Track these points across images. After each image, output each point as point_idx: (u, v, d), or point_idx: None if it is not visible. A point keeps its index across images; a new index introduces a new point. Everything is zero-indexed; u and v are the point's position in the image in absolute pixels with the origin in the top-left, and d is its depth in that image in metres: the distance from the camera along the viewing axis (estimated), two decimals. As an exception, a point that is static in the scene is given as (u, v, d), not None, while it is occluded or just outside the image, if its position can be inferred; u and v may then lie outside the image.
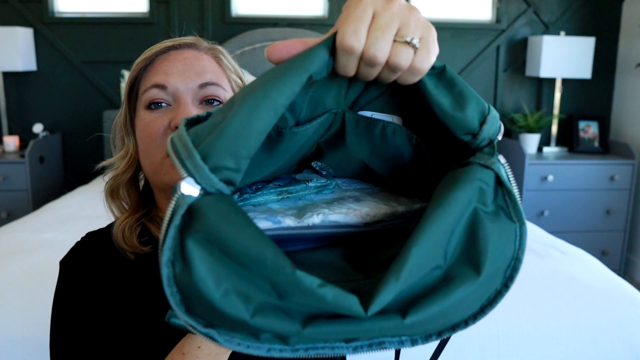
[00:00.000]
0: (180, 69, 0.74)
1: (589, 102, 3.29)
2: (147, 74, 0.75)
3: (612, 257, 3.00)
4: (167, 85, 0.73)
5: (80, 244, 0.80)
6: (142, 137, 0.74)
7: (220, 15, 3.03)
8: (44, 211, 2.12)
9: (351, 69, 0.38)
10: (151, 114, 0.74)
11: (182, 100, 0.73)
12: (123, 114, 0.78)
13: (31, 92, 3.04)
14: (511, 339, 1.35)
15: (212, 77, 0.75)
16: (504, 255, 0.39)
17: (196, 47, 0.78)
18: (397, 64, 0.38)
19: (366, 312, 0.34)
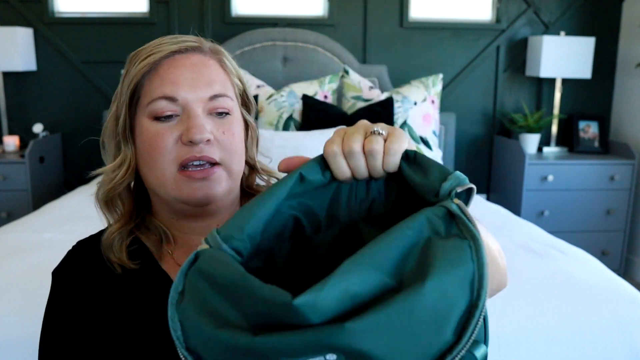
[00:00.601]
0: (188, 78, 0.71)
1: (589, 102, 3.29)
2: (152, 82, 0.72)
3: (612, 257, 3.00)
4: (177, 98, 0.71)
5: (72, 253, 0.79)
6: (149, 149, 0.72)
7: (220, 15, 3.03)
8: (44, 211, 2.12)
9: (343, 167, 0.51)
10: (159, 126, 0.71)
11: (192, 112, 0.71)
12: (122, 120, 0.74)
13: (31, 92, 3.04)
14: (511, 339, 1.35)
15: (221, 89, 0.74)
16: (457, 268, 0.42)
17: (201, 50, 0.75)
18: (371, 149, 0.50)
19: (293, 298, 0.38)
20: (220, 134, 0.73)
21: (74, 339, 0.71)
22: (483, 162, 3.34)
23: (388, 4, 3.09)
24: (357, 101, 2.70)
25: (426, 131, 2.68)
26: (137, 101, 0.73)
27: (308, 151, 2.33)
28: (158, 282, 0.75)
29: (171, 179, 0.71)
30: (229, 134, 0.74)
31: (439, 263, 0.41)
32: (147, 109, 0.72)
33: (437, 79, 2.79)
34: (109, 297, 0.73)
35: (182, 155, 0.71)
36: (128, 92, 0.73)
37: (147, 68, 0.72)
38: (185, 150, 0.71)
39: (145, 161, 0.73)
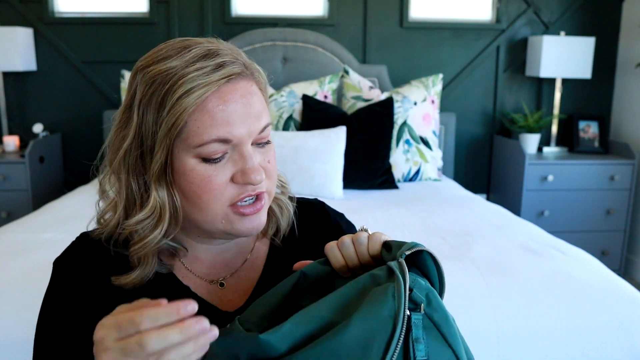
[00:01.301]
0: (240, 114, 0.67)
1: (589, 102, 3.29)
2: (201, 121, 0.65)
3: (612, 257, 3.00)
4: (231, 140, 0.67)
5: (76, 244, 0.79)
6: (197, 190, 0.68)
7: (220, 15, 3.03)
8: (44, 211, 2.12)
9: (338, 256, 0.68)
10: (209, 167, 0.67)
11: (245, 152, 0.68)
12: (160, 159, 0.67)
13: (31, 92, 3.04)
14: (511, 339, 1.35)
15: (267, 118, 0.71)
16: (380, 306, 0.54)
17: (243, 73, 0.69)
18: (358, 237, 0.68)
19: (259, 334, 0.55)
20: (266, 163, 0.72)
21: (71, 331, 0.71)
22: (483, 162, 3.34)
23: (388, 4, 3.09)
24: (357, 101, 2.70)
25: (426, 131, 2.68)
26: (176, 136, 0.66)
27: (308, 151, 2.33)
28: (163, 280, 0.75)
29: (221, 215, 0.70)
30: (273, 161, 0.74)
31: (366, 302, 0.53)
32: (196, 150, 0.66)
33: (437, 79, 2.79)
34: (110, 292, 0.73)
35: (237, 195, 0.69)
36: (170, 130, 0.65)
37: (194, 107, 0.65)
38: (240, 189, 0.69)
39: (191, 200, 0.69)
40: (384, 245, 0.66)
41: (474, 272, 1.50)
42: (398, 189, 2.53)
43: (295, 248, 0.83)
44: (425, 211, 2.12)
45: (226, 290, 0.78)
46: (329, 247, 0.69)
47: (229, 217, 0.70)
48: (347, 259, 0.67)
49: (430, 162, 2.69)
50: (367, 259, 0.67)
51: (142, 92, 0.67)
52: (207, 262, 0.79)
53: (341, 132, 2.43)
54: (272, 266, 0.81)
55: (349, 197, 2.35)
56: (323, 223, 0.87)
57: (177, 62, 0.65)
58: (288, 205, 0.83)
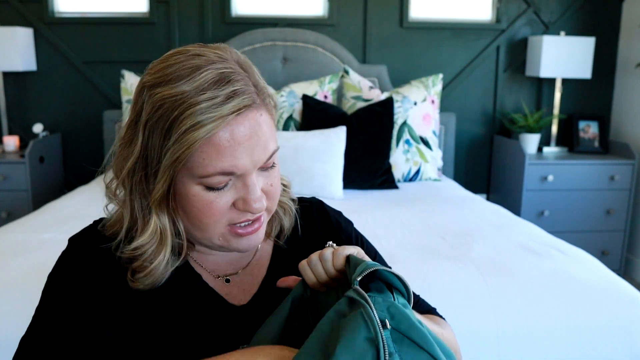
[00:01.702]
0: (247, 146, 0.66)
1: (589, 102, 3.29)
2: (207, 153, 0.64)
3: (612, 257, 3.00)
4: (236, 172, 0.67)
5: (93, 228, 0.78)
6: (198, 214, 0.68)
7: (220, 15, 3.03)
8: (44, 211, 2.12)
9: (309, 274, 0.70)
10: (212, 194, 0.67)
11: (249, 182, 0.68)
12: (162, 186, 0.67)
13: (31, 92, 3.04)
14: (511, 339, 1.35)
15: (274, 144, 0.70)
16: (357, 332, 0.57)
17: (253, 103, 0.67)
18: (323, 254, 0.70)
19: None
20: (268, 187, 0.72)
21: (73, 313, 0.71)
22: (483, 162, 3.34)
23: (388, 4, 3.09)
24: (357, 101, 2.70)
25: (426, 131, 2.68)
26: (181, 166, 0.66)
27: (308, 151, 2.33)
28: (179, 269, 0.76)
29: (219, 234, 0.71)
30: (276, 184, 0.74)
31: (343, 334, 0.57)
32: (200, 180, 0.66)
33: (437, 79, 2.79)
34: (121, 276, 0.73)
35: (236, 219, 0.70)
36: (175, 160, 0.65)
37: (203, 141, 0.64)
38: (239, 215, 0.70)
39: (191, 221, 0.70)
40: (347, 260, 0.69)
41: (474, 272, 1.50)
42: (398, 189, 2.53)
43: (298, 247, 0.84)
44: (425, 211, 2.12)
45: (232, 286, 0.79)
46: (301, 266, 0.71)
47: (226, 236, 0.72)
48: (317, 275, 0.70)
49: (430, 162, 2.69)
50: (334, 274, 0.69)
51: (148, 113, 0.65)
52: (212, 260, 0.80)
53: (341, 132, 2.43)
54: (276, 265, 0.82)
55: (349, 197, 2.35)
56: (324, 222, 0.88)
57: (187, 87, 0.63)
58: (291, 207, 0.85)
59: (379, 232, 1.85)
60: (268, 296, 0.78)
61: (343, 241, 0.86)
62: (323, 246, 0.83)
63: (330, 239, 0.86)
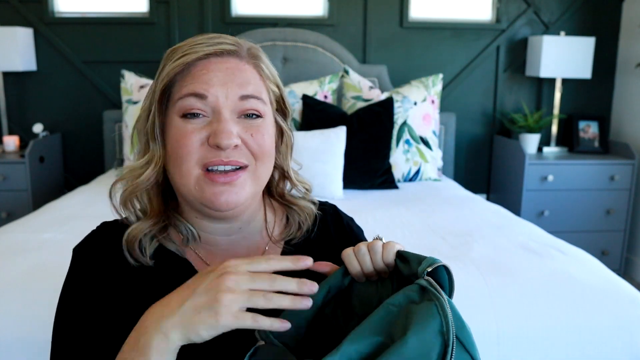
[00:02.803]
0: (221, 79, 0.71)
1: (589, 102, 3.29)
2: (184, 80, 0.71)
3: (612, 257, 3.00)
4: (206, 95, 0.70)
5: (95, 233, 0.79)
6: (176, 146, 0.72)
7: (220, 15, 3.03)
8: (44, 211, 2.12)
9: (354, 263, 0.69)
10: (187, 124, 0.71)
11: (221, 115, 0.70)
12: (151, 118, 0.74)
13: (31, 92, 3.04)
14: (511, 339, 1.35)
15: (254, 90, 0.73)
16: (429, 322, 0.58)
17: (237, 54, 0.74)
18: (373, 245, 0.69)
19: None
20: (248, 136, 0.72)
21: (90, 321, 0.71)
22: (483, 162, 3.34)
23: (388, 4, 3.09)
24: (357, 101, 2.70)
25: (426, 131, 2.68)
26: (168, 99, 0.73)
27: (308, 151, 2.33)
28: (181, 271, 0.76)
29: (194, 179, 0.71)
30: (258, 136, 0.73)
31: (415, 320, 0.58)
32: (177, 106, 0.71)
33: (437, 79, 2.79)
34: (129, 282, 0.74)
35: (208, 158, 0.71)
36: (159, 89, 0.73)
37: (180, 68, 0.71)
38: (211, 153, 0.71)
39: (172, 159, 0.73)
40: (398, 255, 0.69)
41: (474, 272, 1.51)
42: (398, 189, 2.53)
43: (309, 251, 0.83)
44: (425, 211, 2.12)
45: None
46: (346, 254, 0.70)
47: (200, 182, 0.71)
48: (362, 266, 0.70)
49: (430, 162, 2.69)
50: (382, 267, 0.69)
51: (159, 69, 0.75)
52: (218, 256, 0.80)
53: (341, 132, 2.43)
54: None
55: (349, 197, 2.35)
56: (337, 226, 0.89)
57: (187, 41, 0.74)
58: (313, 210, 0.85)
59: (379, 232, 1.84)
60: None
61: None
62: (334, 250, 0.83)
63: (343, 245, 0.85)
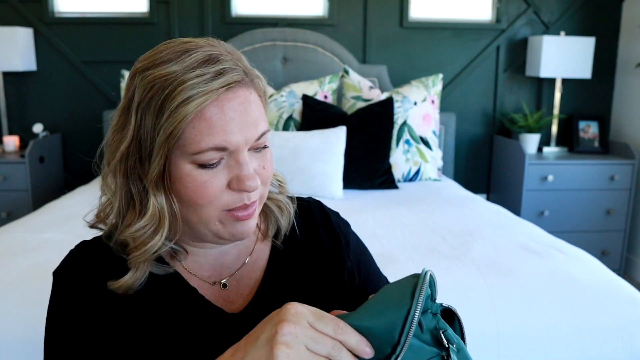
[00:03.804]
0: (237, 122, 0.67)
1: (589, 102, 3.29)
2: (198, 129, 0.65)
3: (612, 257, 3.00)
4: (228, 148, 0.67)
5: (74, 253, 0.78)
6: (193, 195, 0.67)
7: (220, 15, 3.03)
8: (44, 211, 2.12)
9: None
10: (205, 173, 0.67)
11: (241, 159, 0.68)
12: (157, 166, 0.67)
13: (31, 92, 3.04)
14: (511, 339, 1.35)
15: (264, 125, 0.71)
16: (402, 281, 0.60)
17: (243, 81, 0.68)
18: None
19: None
20: (261, 169, 0.72)
21: (78, 342, 0.70)
22: (483, 162, 3.34)
23: (388, 4, 3.09)
24: (357, 101, 2.70)
25: (426, 131, 2.68)
26: (174, 143, 0.66)
27: (308, 151, 2.33)
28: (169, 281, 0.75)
29: (216, 220, 0.70)
30: (268, 167, 0.73)
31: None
32: (192, 157, 0.66)
33: (437, 79, 2.79)
34: (114, 302, 0.72)
35: (233, 202, 0.69)
36: (168, 137, 0.65)
37: (192, 115, 0.64)
38: (235, 196, 0.69)
39: (187, 204, 0.69)
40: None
41: (474, 272, 1.50)
42: (398, 189, 2.53)
43: (296, 248, 0.83)
44: (425, 211, 2.12)
45: (229, 291, 0.78)
46: None
47: (223, 221, 0.70)
48: None
49: (430, 162, 2.69)
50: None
51: (140, 96, 0.66)
52: (207, 266, 0.78)
53: (341, 132, 2.43)
54: (274, 267, 0.80)
55: (349, 197, 2.35)
56: (324, 223, 0.87)
57: (177, 67, 0.65)
58: (288, 205, 0.83)
59: (379, 232, 1.85)
60: (266, 299, 0.77)
61: (342, 244, 0.85)
62: (322, 247, 0.82)
63: (331, 242, 0.85)
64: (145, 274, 0.72)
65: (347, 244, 0.86)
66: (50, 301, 0.75)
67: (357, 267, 0.85)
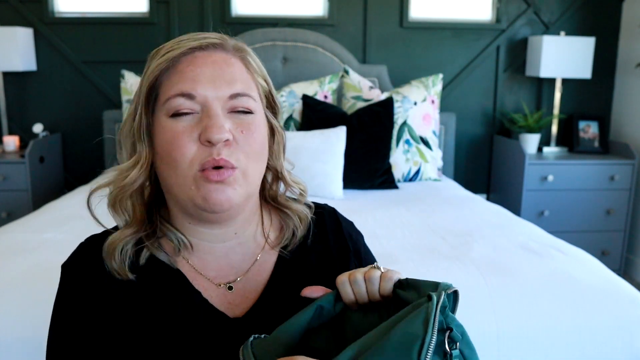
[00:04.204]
0: (208, 75, 0.69)
1: (589, 102, 3.29)
2: (171, 78, 0.70)
3: (612, 257, 3.00)
4: (195, 95, 0.68)
5: (84, 246, 0.78)
6: (168, 147, 0.69)
7: (220, 15, 3.03)
8: (44, 211, 2.12)
9: (349, 292, 0.68)
10: (177, 124, 0.69)
11: (211, 111, 0.68)
12: (137, 119, 0.72)
13: (31, 92, 3.04)
14: (511, 339, 1.35)
15: (243, 88, 0.71)
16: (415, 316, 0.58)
17: (223, 47, 0.73)
18: (371, 276, 0.67)
19: None
20: (238, 133, 0.70)
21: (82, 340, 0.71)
22: (483, 162, 3.34)
23: (388, 4, 3.09)
24: (357, 101, 2.70)
25: (426, 131, 2.68)
26: (155, 99, 0.71)
27: (308, 151, 2.33)
28: (173, 283, 0.75)
29: (192, 179, 0.69)
30: (248, 133, 0.71)
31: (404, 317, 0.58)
32: (165, 107, 0.69)
33: (437, 79, 2.79)
34: (120, 297, 0.72)
35: (202, 157, 0.68)
36: (145, 89, 0.71)
37: (165, 65, 0.70)
38: (205, 151, 0.68)
39: (165, 160, 0.70)
40: (398, 284, 0.67)
41: (474, 272, 1.50)
42: (398, 189, 2.53)
43: (305, 256, 0.81)
44: (425, 211, 2.12)
45: (234, 294, 0.77)
46: (341, 282, 0.68)
47: (197, 182, 0.69)
48: (357, 295, 0.68)
49: (430, 162, 2.69)
50: (377, 298, 0.67)
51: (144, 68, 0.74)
52: (213, 264, 0.78)
53: (341, 132, 2.43)
54: (280, 271, 0.80)
55: (349, 197, 2.35)
56: (335, 232, 0.85)
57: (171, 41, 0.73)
58: (307, 214, 0.82)
59: (379, 232, 1.85)
60: (270, 305, 0.76)
61: (351, 252, 0.84)
62: (332, 258, 0.81)
63: (339, 249, 0.83)
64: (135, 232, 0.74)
65: (356, 252, 0.85)
66: (58, 294, 0.75)
67: None
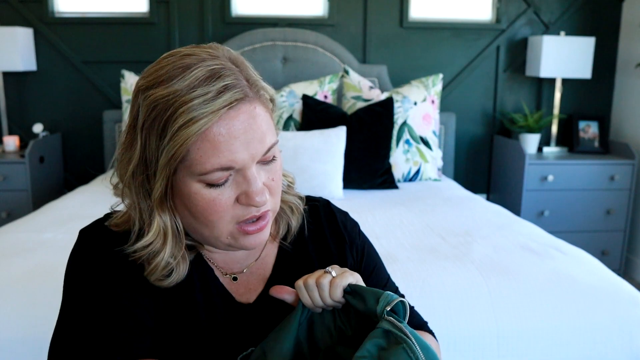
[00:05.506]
0: (242, 140, 0.66)
1: (589, 102, 3.29)
2: (203, 150, 0.65)
3: (612, 257, 3.00)
4: (234, 167, 0.67)
5: (105, 218, 0.79)
6: (203, 212, 0.68)
7: (220, 15, 3.03)
8: (44, 211, 2.12)
9: (305, 297, 0.70)
10: (214, 191, 0.67)
11: (249, 175, 0.68)
12: (160, 187, 0.68)
13: (31, 92, 3.04)
14: (511, 339, 1.35)
15: (271, 138, 0.70)
16: None
17: (246, 96, 0.67)
18: (319, 282, 0.70)
19: None
20: (270, 181, 0.72)
21: (94, 301, 0.71)
22: (483, 162, 3.34)
23: (388, 4, 3.09)
24: (357, 101, 2.70)
25: (426, 131, 2.68)
26: (179, 163, 0.66)
27: (308, 151, 2.33)
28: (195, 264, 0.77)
29: (227, 233, 0.71)
30: (277, 178, 0.73)
31: None
32: (200, 177, 0.66)
33: (437, 79, 2.79)
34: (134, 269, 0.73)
35: (241, 215, 0.70)
36: (171, 159, 0.66)
37: (195, 137, 0.64)
38: (244, 210, 0.70)
39: (198, 220, 0.70)
40: (349, 291, 0.69)
41: (474, 272, 1.51)
42: (398, 189, 2.53)
43: (304, 248, 0.85)
44: (425, 211, 2.12)
45: (238, 284, 0.81)
46: (298, 287, 0.71)
47: (234, 234, 0.71)
48: (313, 300, 0.70)
49: (430, 162, 2.69)
50: (330, 303, 0.70)
51: (144, 116, 0.66)
52: (219, 258, 0.81)
53: (341, 132, 2.43)
54: (281, 266, 0.83)
55: (349, 197, 2.35)
56: (330, 223, 0.88)
57: (179, 86, 0.64)
58: (299, 205, 0.84)
59: (379, 232, 1.85)
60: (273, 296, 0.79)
61: (347, 242, 0.86)
62: (329, 249, 0.84)
63: (335, 241, 0.86)
64: (186, 267, 0.74)
65: (351, 242, 0.87)
66: (72, 257, 0.76)
67: (358, 266, 0.86)
